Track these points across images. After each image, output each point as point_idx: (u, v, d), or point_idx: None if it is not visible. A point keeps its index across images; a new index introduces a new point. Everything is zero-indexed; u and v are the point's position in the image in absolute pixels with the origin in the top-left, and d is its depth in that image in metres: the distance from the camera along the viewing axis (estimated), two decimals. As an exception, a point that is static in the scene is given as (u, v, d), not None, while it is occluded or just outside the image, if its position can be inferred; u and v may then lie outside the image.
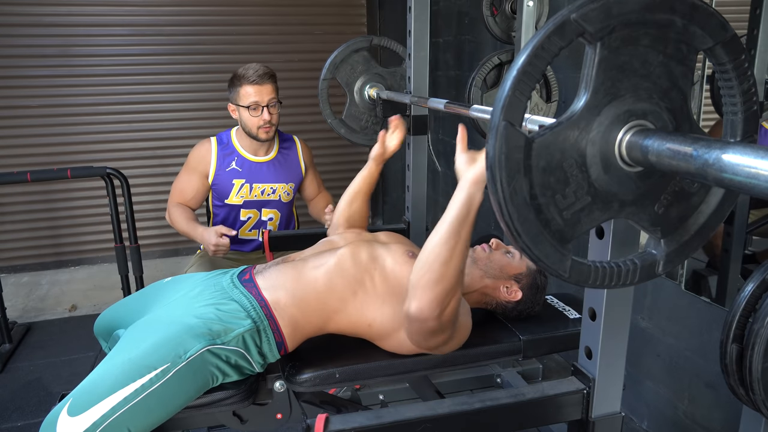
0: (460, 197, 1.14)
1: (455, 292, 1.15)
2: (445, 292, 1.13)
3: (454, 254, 1.12)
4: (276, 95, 2.15)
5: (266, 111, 2.11)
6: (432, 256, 1.12)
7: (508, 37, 2.25)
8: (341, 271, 1.32)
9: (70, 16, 3.50)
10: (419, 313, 1.14)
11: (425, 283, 1.12)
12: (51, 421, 1.07)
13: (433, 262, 1.12)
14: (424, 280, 1.13)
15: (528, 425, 1.17)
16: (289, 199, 2.33)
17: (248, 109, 2.10)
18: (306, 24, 3.84)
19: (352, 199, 1.72)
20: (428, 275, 1.12)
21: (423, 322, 1.15)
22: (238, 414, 1.31)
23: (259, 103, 2.10)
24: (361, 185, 1.72)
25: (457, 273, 1.13)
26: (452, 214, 1.13)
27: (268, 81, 2.11)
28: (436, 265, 1.12)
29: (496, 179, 0.67)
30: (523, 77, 0.65)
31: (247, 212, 2.26)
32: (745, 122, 0.73)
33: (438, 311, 1.13)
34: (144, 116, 3.73)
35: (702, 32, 0.69)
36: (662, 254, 0.78)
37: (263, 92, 2.10)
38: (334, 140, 3.68)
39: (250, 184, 2.22)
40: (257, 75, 2.08)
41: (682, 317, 1.87)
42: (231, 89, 2.15)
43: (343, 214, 1.71)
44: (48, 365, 2.58)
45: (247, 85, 2.08)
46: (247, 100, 2.10)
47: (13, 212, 3.65)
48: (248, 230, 2.30)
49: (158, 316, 1.28)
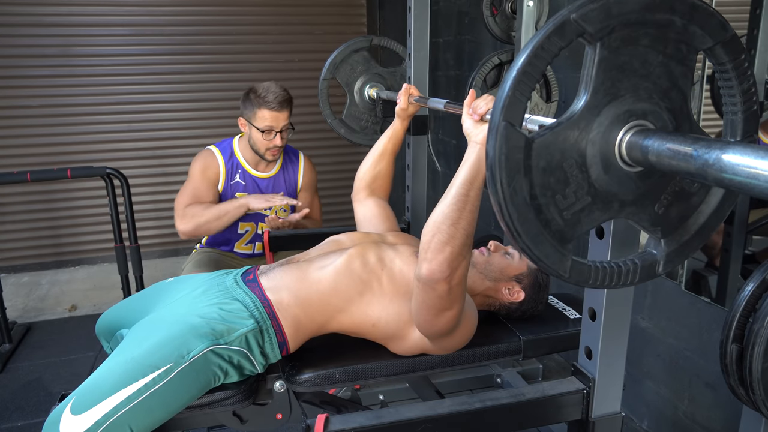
0: (470, 158, 1.14)
1: (464, 255, 1.14)
2: (455, 254, 1.11)
3: (462, 215, 1.11)
4: (289, 120, 2.13)
5: (279, 136, 2.10)
6: (441, 217, 1.12)
7: (508, 37, 2.25)
8: (349, 273, 1.31)
9: (70, 16, 3.50)
10: (430, 274, 1.12)
11: (435, 245, 1.11)
12: (54, 419, 1.08)
13: (441, 223, 1.11)
14: (434, 242, 1.11)
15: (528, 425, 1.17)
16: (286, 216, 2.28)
17: (262, 132, 2.09)
18: (306, 24, 3.85)
19: (378, 159, 1.69)
20: (438, 236, 1.11)
21: (434, 284, 1.13)
22: (238, 414, 1.31)
23: (273, 128, 2.09)
24: (386, 144, 1.70)
25: (466, 234, 1.12)
26: (462, 175, 1.13)
27: (286, 108, 2.09)
28: (444, 226, 1.11)
29: (496, 179, 0.67)
30: (523, 78, 0.65)
31: (244, 225, 2.24)
32: (745, 122, 0.73)
33: (448, 272, 1.12)
34: (144, 116, 3.73)
35: (702, 32, 0.70)
36: (662, 254, 0.78)
37: (280, 118, 2.08)
38: (334, 140, 3.68)
39: None
40: (277, 102, 2.06)
41: (682, 317, 1.87)
42: (247, 105, 2.11)
43: (368, 175, 1.69)
44: (48, 365, 2.58)
45: (266, 109, 2.06)
46: (263, 124, 2.08)
47: (13, 212, 3.65)
48: (244, 244, 2.28)
49: (161, 315, 1.28)
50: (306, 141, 3.65)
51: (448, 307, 1.18)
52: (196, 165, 2.18)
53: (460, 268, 1.13)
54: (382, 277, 1.31)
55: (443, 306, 1.17)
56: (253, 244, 2.29)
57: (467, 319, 1.28)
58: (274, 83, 2.11)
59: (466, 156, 1.16)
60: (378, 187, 1.70)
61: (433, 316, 1.20)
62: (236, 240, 2.27)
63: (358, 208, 1.69)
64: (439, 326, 1.22)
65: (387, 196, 1.73)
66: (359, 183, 1.70)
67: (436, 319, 1.20)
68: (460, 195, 1.11)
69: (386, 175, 1.71)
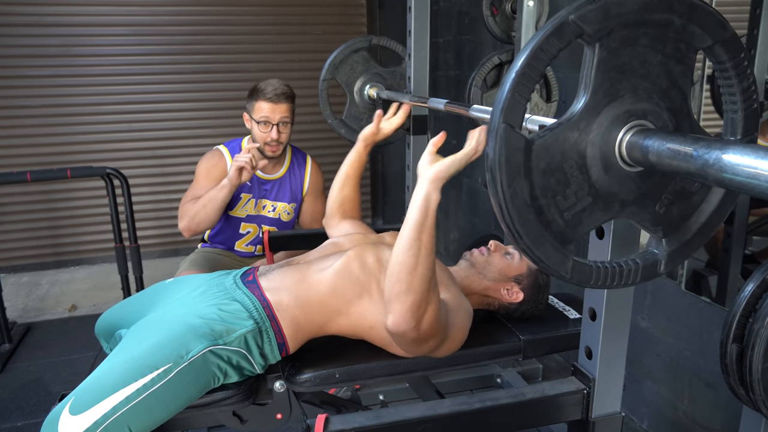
0: (417, 198, 1.11)
1: (428, 300, 1.11)
2: (417, 303, 1.09)
3: (418, 262, 1.08)
4: (289, 115, 2.13)
5: (275, 129, 2.10)
6: (397, 266, 1.09)
7: (508, 37, 2.25)
8: (348, 275, 1.31)
9: (70, 16, 3.50)
10: (396, 327, 1.11)
11: (396, 295, 1.10)
12: (53, 419, 1.08)
13: (399, 272, 1.09)
14: (394, 292, 1.10)
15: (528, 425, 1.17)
16: (290, 219, 2.28)
17: (259, 123, 2.10)
18: (306, 24, 3.84)
19: (342, 184, 1.70)
20: (397, 286, 1.09)
21: (402, 335, 1.12)
22: (238, 414, 1.31)
23: (269, 120, 2.09)
24: (348, 170, 1.70)
25: (425, 281, 1.09)
26: (411, 218, 1.10)
27: (284, 101, 2.10)
28: (402, 275, 1.09)
29: (496, 181, 0.67)
30: (522, 79, 0.65)
31: (247, 226, 2.24)
32: (745, 121, 0.73)
33: (414, 322, 1.10)
34: (144, 116, 3.73)
35: (701, 31, 0.69)
36: (664, 254, 0.78)
37: (276, 111, 2.09)
38: (334, 140, 3.68)
39: (256, 199, 2.21)
40: (274, 93, 2.08)
41: (682, 317, 1.87)
42: (249, 100, 2.14)
43: (336, 200, 1.69)
44: (48, 365, 2.57)
45: (263, 100, 2.08)
46: (259, 115, 2.09)
47: (13, 212, 3.64)
48: (245, 245, 2.28)
49: (160, 315, 1.28)
50: (306, 141, 3.64)
51: (425, 342, 1.17)
52: (202, 165, 2.19)
53: (427, 313, 1.11)
54: (381, 279, 1.31)
55: (420, 343, 1.16)
56: (254, 246, 2.29)
57: (455, 330, 1.25)
58: (278, 80, 2.13)
59: (413, 196, 1.12)
60: (348, 209, 1.70)
61: (414, 349, 1.20)
62: (237, 239, 2.26)
63: (332, 232, 1.67)
64: (423, 351, 1.22)
65: (359, 216, 1.72)
66: (330, 209, 1.70)
67: (418, 350, 1.20)
68: (412, 240, 1.09)
69: (353, 199, 1.71)
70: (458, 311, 1.27)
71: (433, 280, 1.12)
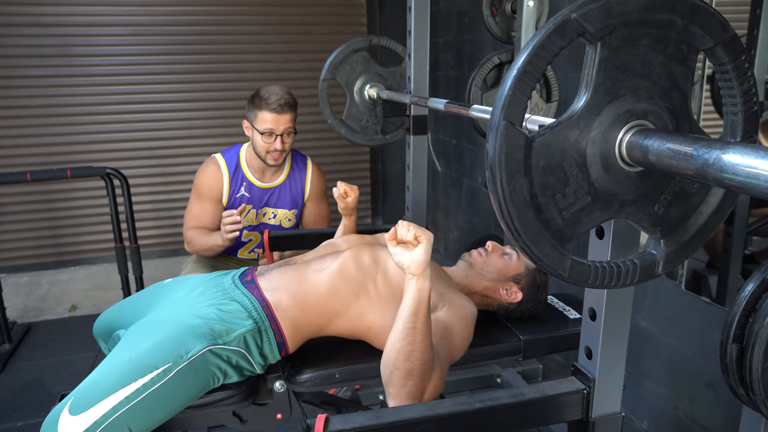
0: (410, 292, 1.10)
1: (428, 377, 1.12)
2: (417, 384, 1.11)
3: (414, 347, 1.09)
4: (293, 124, 2.09)
5: (279, 140, 2.06)
6: (394, 353, 1.10)
7: (508, 37, 2.25)
8: (344, 275, 1.31)
9: (70, 16, 3.50)
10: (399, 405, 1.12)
11: (395, 381, 1.11)
12: (52, 419, 1.07)
13: (396, 359, 1.10)
14: (393, 378, 1.11)
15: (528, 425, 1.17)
16: (291, 225, 2.26)
17: (262, 134, 2.05)
18: (306, 24, 3.84)
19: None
20: (396, 373, 1.10)
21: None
22: (238, 414, 1.31)
23: (274, 131, 2.04)
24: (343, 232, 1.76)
25: (423, 361, 1.10)
26: (406, 309, 1.10)
27: (288, 111, 2.05)
28: (399, 362, 1.10)
29: (496, 179, 0.67)
30: (524, 77, 0.65)
31: (249, 234, 2.23)
32: (745, 122, 0.73)
33: (417, 400, 1.12)
34: (144, 116, 3.73)
35: (702, 32, 0.69)
36: (662, 254, 0.78)
37: (280, 121, 2.04)
38: (334, 140, 3.68)
39: (257, 210, 2.19)
40: (278, 104, 2.02)
41: (682, 317, 1.87)
42: (250, 107, 2.08)
43: None
44: (48, 365, 2.57)
45: (266, 111, 2.03)
46: (263, 126, 2.04)
47: (13, 212, 3.64)
48: (248, 252, 2.28)
49: (159, 316, 1.28)
50: (306, 141, 3.65)
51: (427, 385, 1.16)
52: (198, 178, 2.16)
53: (428, 389, 1.13)
54: (377, 279, 1.32)
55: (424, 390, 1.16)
56: (256, 252, 2.28)
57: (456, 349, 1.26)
58: (280, 87, 2.08)
59: (406, 289, 1.12)
60: None
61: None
62: (240, 247, 2.26)
63: None
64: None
65: None
66: None
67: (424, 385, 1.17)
68: (407, 330, 1.10)
69: None
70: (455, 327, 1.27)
71: (430, 360, 1.12)
